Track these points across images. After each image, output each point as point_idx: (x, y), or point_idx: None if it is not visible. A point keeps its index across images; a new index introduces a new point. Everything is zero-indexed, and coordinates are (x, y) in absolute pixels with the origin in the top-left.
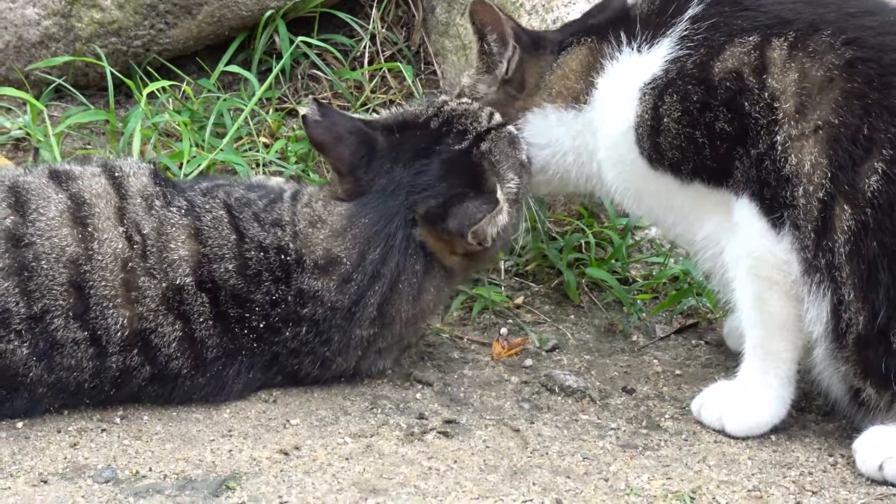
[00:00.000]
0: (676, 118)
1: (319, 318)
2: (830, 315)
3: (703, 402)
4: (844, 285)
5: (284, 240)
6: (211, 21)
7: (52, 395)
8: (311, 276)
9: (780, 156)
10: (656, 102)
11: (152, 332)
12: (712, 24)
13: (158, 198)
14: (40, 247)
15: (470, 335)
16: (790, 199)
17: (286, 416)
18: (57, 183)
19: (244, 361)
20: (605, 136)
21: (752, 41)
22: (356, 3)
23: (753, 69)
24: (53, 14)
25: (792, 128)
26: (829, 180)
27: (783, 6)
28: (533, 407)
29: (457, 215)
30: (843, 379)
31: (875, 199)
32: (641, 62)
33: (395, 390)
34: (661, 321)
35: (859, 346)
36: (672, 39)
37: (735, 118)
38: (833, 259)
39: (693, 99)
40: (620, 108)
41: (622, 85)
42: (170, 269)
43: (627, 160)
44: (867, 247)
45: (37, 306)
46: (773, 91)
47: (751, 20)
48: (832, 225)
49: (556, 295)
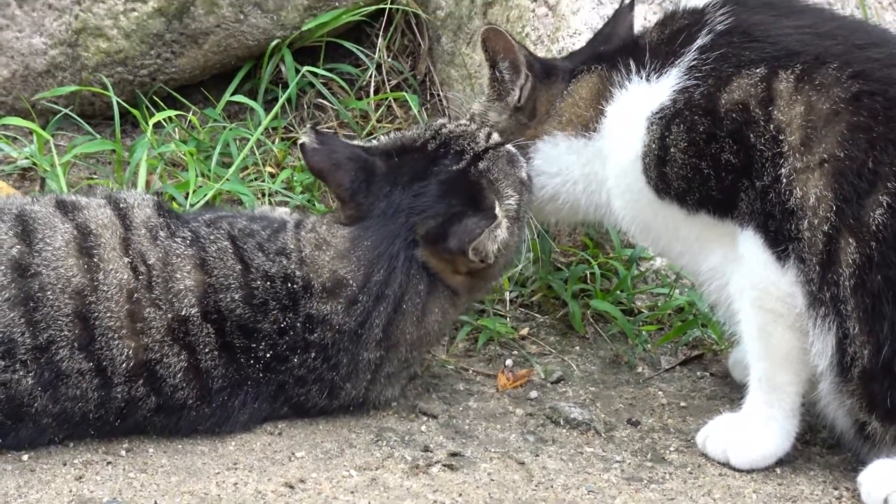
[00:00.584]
0: (683, 149)
1: (328, 342)
2: (836, 348)
3: (708, 434)
4: (849, 319)
5: (290, 268)
6: (217, 50)
7: (57, 426)
8: (319, 299)
9: (785, 188)
10: (663, 132)
11: (158, 362)
12: (721, 54)
13: (163, 228)
14: (46, 277)
15: (475, 367)
16: (795, 232)
17: (291, 449)
18: (63, 213)
19: (250, 392)
20: (614, 164)
21: (759, 73)
22: (362, 33)
23: (760, 101)
24: (60, 43)
25: (797, 161)
26: (834, 214)
27: (791, 38)
28: (538, 439)
29: (456, 233)
30: (849, 412)
31: (880, 233)
32: (650, 91)
33: (401, 422)
34: (666, 353)
35: (864, 379)
36: (680, 69)
37: (741, 150)
38: (838, 292)
39: (699, 130)
40: (628, 137)
41: (630, 114)
42: (175, 299)
43: (635, 189)
44: (872, 280)
45: (42, 336)
46: (778, 123)
47: (759, 51)
48: (837, 258)
49: (561, 326)
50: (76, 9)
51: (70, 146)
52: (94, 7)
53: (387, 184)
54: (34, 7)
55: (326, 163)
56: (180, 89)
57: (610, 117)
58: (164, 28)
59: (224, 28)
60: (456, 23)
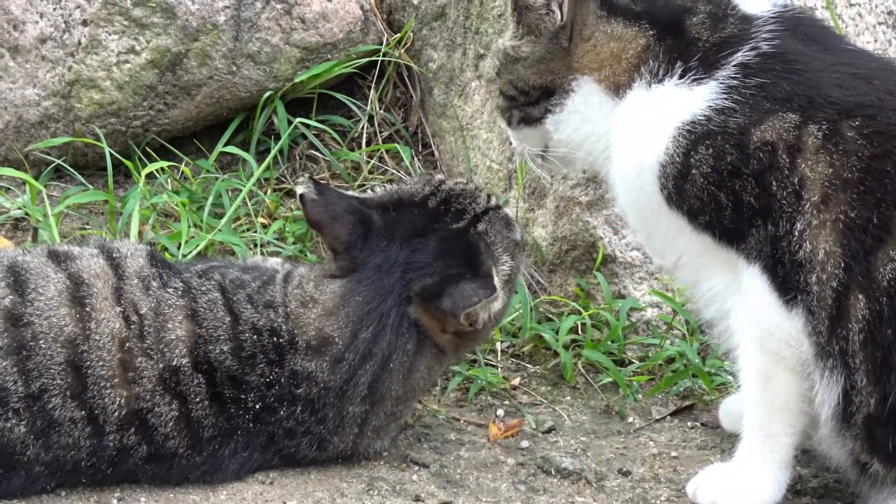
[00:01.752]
0: (705, 174)
1: (314, 397)
2: (841, 398)
3: (699, 484)
4: (857, 371)
5: (277, 321)
6: (210, 102)
7: (49, 474)
8: (303, 357)
9: (797, 241)
10: (689, 150)
11: (149, 411)
12: (761, 84)
13: (155, 279)
14: (39, 326)
15: (466, 416)
16: (804, 284)
17: (283, 498)
18: (56, 263)
19: (240, 441)
20: (626, 155)
21: (792, 120)
22: (354, 85)
23: (788, 148)
24: (53, 95)
25: (814, 218)
26: (842, 270)
27: (827, 77)
28: (529, 489)
29: (452, 295)
30: (850, 453)
31: (892, 288)
32: (685, 96)
33: (392, 472)
34: (656, 403)
35: (868, 425)
36: (720, 85)
37: (762, 194)
38: (847, 346)
39: (727, 160)
40: (651, 137)
41: (659, 111)
42: (167, 349)
43: (644, 185)
44: (882, 334)
45: (35, 385)
46: (802, 177)
47: (796, 85)
48: (847, 314)
49: (553, 376)
50: (69, 60)
51: (63, 197)
52: (88, 59)
53: (384, 238)
54: (27, 59)
55: (324, 215)
56: (173, 140)
57: (636, 99)
58: (157, 80)
59: (217, 80)
60: (448, 75)
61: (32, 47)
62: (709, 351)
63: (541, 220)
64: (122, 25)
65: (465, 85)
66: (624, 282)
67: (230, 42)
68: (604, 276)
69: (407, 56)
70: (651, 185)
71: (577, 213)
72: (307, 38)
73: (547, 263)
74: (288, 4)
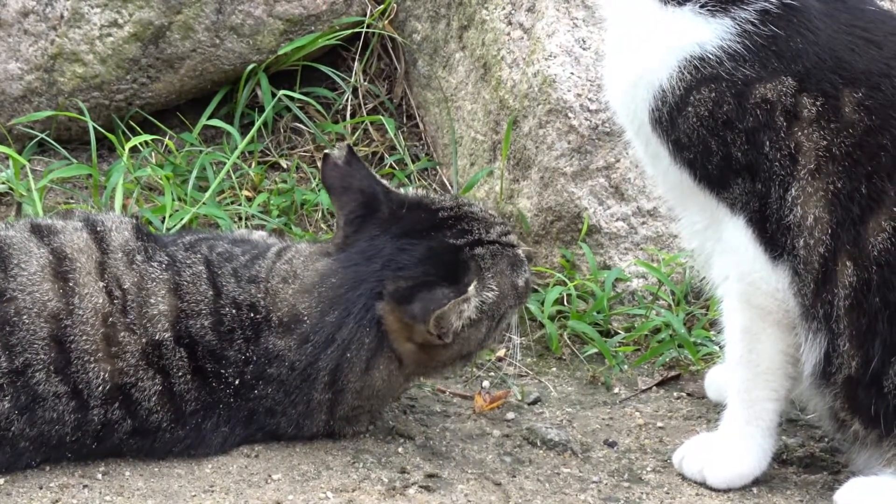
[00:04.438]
0: (701, 115)
1: (284, 377)
2: (822, 358)
3: (685, 454)
4: (841, 336)
5: (257, 297)
6: (193, 75)
7: (34, 450)
8: (275, 334)
9: (789, 206)
10: (691, 86)
11: (133, 386)
12: (774, 36)
13: (140, 252)
14: (21, 301)
15: (452, 388)
16: (791, 247)
17: (268, 471)
18: (39, 237)
19: (222, 415)
20: (631, 56)
21: (791, 85)
22: (338, 57)
23: (786, 111)
24: (36, 69)
25: (809, 185)
26: (830, 237)
27: (841, 40)
28: (515, 460)
29: (423, 299)
30: (829, 408)
31: (880, 258)
32: (699, 26)
33: (378, 444)
34: (642, 373)
35: (849, 385)
36: (736, 25)
37: (751, 150)
38: (832, 311)
39: (724, 109)
40: (656, 55)
41: (671, 32)
42: (149, 324)
43: (638, 96)
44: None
45: (18, 360)
46: (798, 143)
47: (807, 43)
48: (833, 279)
49: (538, 347)
50: (52, 34)
51: (46, 171)
52: (70, 32)
53: (379, 228)
54: (10, 32)
55: (339, 182)
56: (156, 114)
57: (653, 8)
58: (140, 53)
59: (200, 53)
60: (432, 46)
61: (14, 21)
62: (695, 321)
63: (525, 191)
64: None
65: (449, 56)
66: (609, 252)
67: (213, 14)
68: (589, 247)
69: (391, 27)
70: (644, 101)
71: (561, 183)
72: (290, 10)
73: (532, 234)
74: None
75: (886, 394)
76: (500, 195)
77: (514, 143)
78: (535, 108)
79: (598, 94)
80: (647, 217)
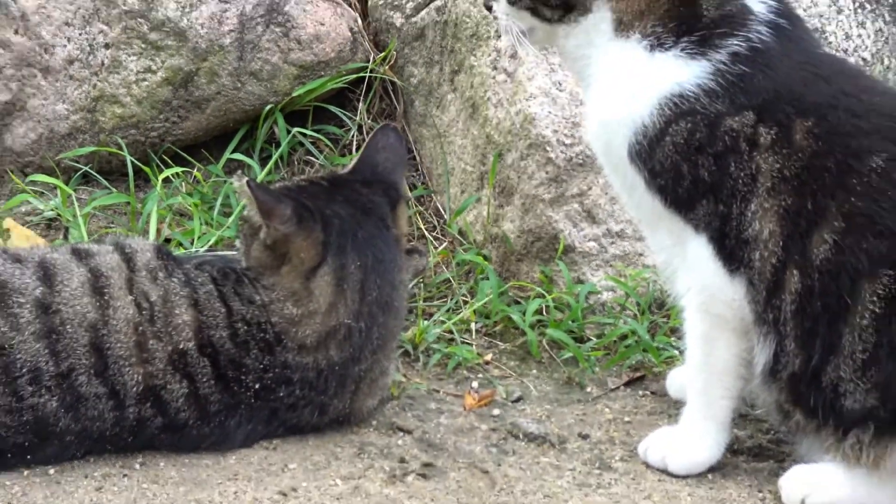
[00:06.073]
0: (677, 143)
1: (311, 379)
2: (771, 358)
3: (649, 445)
4: (788, 337)
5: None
6: (218, 115)
7: (78, 443)
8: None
9: (748, 221)
10: (670, 121)
11: (162, 388)
12: (743, 74)
13: (161, 270)
14: (65, 313)
15: (445, 388)
16: (748, 260)
17: (285, 462)
18: (78, 259)
19: (244, 415)
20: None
21: (751, 118)
22: (345, 98)
23: (748, 139)
24: (80, 109)
25: (765, 202)
26: (782, 249)
27: (796, 76)
28: (500, 451)
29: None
30: (775, 401)
31: (822, 267)
32: (678, 69)
33: (380, 437)
34: (612, 374)
35: (793, 381)
36: (712, 65)
37: (717, 171)
38: (780, 316)
39: (696, 136)
40: (638, 96)
41: (652, 76)
42: (174, 333)
43: (617, 131)
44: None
45: (63, 365)
46: (758, 166)
47: (769, 81)
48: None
49: (521, 352)
50: (94, 79)
51: (90, 199)
52: (110, 77)
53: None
54: (57, 78)
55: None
56: (186, 149)
57: (636, 54)
58: (171, 95)
59: (224, 95)
60: (427, 89)
61: (61, 68)
62: (657, 329)
63: (509, 215)
64: (140, 48)
65: (442, 97)
66: (582, 269)
67: (235, 62)
68: (565, 264)
69: (391, 72)
70: (623, 138)
71: (540, 208)
72: (303, 57)
73: (515, 253)
74: (285, 28)
75: (824, 388)
76: (487, 219)
77: (499, 174)
78: (518, 143)
79: (572, 130)
80: (615, 238)
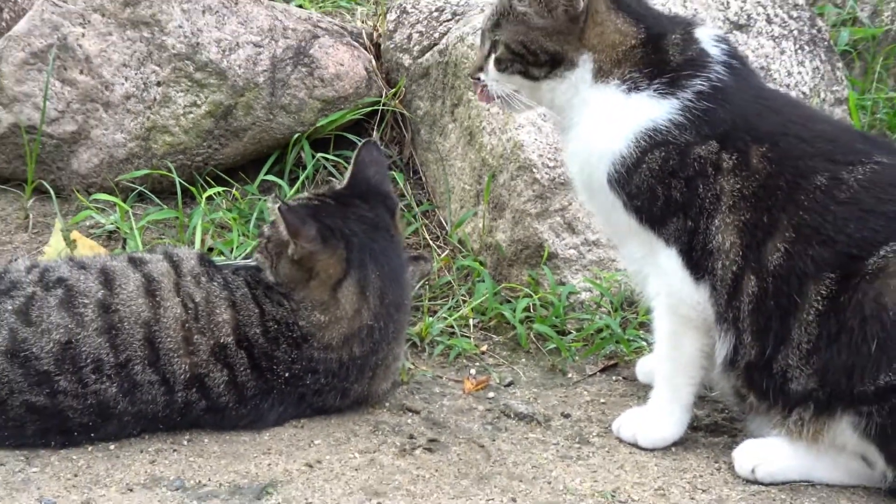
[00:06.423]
0: (652, 169)
1: (335, 369)
2: (731, 351)
3: (622, 423)
4: (745, 332)
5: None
6: (253, 142)
7: (134, 422)
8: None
9: (712, 235)
10: (646, 151)
11: (206, 376)
12: (707, 109)
13: (203, 275)
14: (123, 312)
15: (447, 375)
16: (711, 268)
17: (311, 438)
18: (134, 266)
19: (276, 398)
20: (591, 135)
21: (714, 146)
22: (361, 127)
23: (714, 164)
24: (136, 138)
25: (727, 217)
26: (741, 258)
27: (752, 108)
28: (494, 428)
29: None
30: (732, 386)
31: (775, 272)
32: (651, 107)
33: (392, 417)
34: (589, 363)
35: (748, 369)
36: (680, 102)
37: (687, 192)
38: (739, 314)
39: (670, 163)
40: (616, 131)
41: (628, 111)
42: (216, 329)
43: (598, 165)
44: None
45: (122, 356)
46: (722, 187)
47: (729, 112)
48: (741, 290)
49: (512, 344)
50: (148, 112)
51: (144, 215)
52: (161, 111)
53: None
54: (116, 111)
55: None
56: (226, 171)
57: (615, 97)
58: (214, 126)
59: (258, 125)
60: (431, 119)
61: (120, 102)
62: (628, 323)
63: (501, 227)
64: (187, 85)
65: (444, 126)
66: (564, 273)
67: (268, 97)
68: (549, 269)
69: (401, 105)
70: (602, 168)
71: (528, 221)
72: (326, 93)
73: (506, 259)
74: (310, 68)
75: (775, 374)
76: (482, 230)
77: (493, 192)
78: (508, 165)
79: (555, 154)
80: (592, 246)
